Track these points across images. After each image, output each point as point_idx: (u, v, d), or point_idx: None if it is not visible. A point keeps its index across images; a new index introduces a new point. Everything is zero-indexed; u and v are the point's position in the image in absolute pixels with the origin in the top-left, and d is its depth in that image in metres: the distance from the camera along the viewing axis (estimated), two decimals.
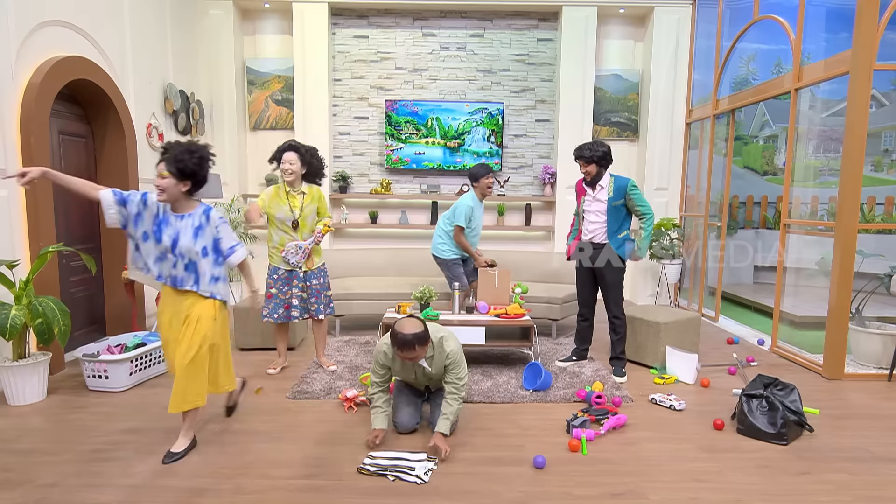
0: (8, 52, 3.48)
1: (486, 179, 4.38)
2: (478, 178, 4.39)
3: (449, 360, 2.79)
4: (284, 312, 3.77)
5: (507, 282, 4.31)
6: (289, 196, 3.68)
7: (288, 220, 3.66)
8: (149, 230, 2.60)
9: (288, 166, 3.63)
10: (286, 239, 3.69)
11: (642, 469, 2.59)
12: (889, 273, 4.17)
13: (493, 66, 6.65)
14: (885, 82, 7.29)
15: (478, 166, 4.41)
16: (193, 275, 2.62)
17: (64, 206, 4.18)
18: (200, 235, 2.61)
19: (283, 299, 3.75)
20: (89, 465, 2.56)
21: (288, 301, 3.76)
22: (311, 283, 3.77)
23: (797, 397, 2.95)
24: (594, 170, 3.76)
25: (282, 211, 3.65)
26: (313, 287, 3.78)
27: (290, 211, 3.65)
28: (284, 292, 3.75)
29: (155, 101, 5.23)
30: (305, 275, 3.76)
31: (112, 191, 2.58)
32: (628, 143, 6.70)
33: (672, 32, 6.28)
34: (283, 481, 2.44)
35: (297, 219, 3.67)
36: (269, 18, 6.53)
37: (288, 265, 3.71)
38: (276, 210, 3.65)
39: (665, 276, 6.23)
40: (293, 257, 3.67)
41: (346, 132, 6.69)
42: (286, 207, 3.65)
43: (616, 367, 3.90)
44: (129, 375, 3.55)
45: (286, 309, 3.77)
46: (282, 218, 3.65)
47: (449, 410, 2.76)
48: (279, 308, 3.75)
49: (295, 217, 3.66)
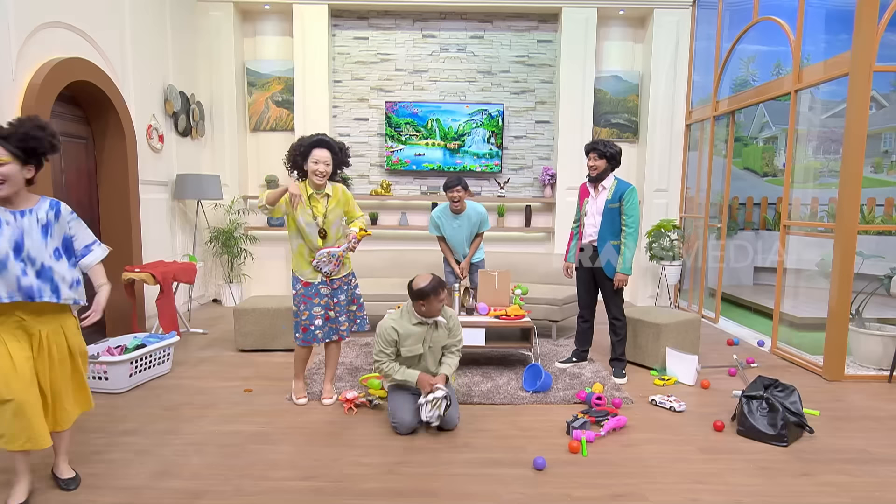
0: (8, 54, 3.48)
1: (449, 192, 4.20)
2: (444, 189, 4.24)
3: (452, 322, 3.15)
4: (303, 335, 3.22)
5: (507, 283, 4.31)
6: (311, 200, 3.11)
7: (310, 227, 3.11)
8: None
9: (322, 168, 3.04)
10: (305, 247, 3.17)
11: (642, 470, 2.59)
12: (889, 274, 4.17)
13: (493, 68, 6.65)
14: (885, 84, 7.30)
15: (449, 175, 4.25)
16: (49, 283, 2.16)
17: None
18: (50, 235, 2.19)
19: (300, 321, 3.22)
20: (89, 467, 2.56)
21: (306, 323, 3.20)
22: (338, 299, 3.26)
23: (797, 399, 2.95)
24: (603, 165, 3.75)
25: (303, 216, 3.09)
26: (341, 303, 3.27)
27: (311, 217, 3.10)
28: (301, 311, 3.21)
29: (155, 103, 5.23)
30: (332, 290, 3.24)
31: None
32: (628, 145, 6.70)
33: (672, 34, 6.29)
34: (283, 483, 2.44)
35: (322, 227, 3.13)
36: (269, 20, 6.54)
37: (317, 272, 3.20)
38: (298, 213, 3.11)
39: (665, 277, 6.23)
40: (325, 266, 3.17)
41: (347, 133, 6.69)
42: (308, 213, 3.09)
43: (616, 368, 3.90)
44: (129, 377, 3.55)
45: (304, 332, 3.21)
46: (303, 224, 3.10)
47: (451, 362, 3.13)
48: (297, 329, 3.23)
49: (319, 225, 3.12)
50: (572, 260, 4.01)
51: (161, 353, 3.83)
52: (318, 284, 3.20)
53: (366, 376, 3.54)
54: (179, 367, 4.04)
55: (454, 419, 2.98)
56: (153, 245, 5.16)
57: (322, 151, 3.07)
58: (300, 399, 3.35)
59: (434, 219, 4.39)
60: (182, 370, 3.99)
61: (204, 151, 6.31)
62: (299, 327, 3.22)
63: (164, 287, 4.36)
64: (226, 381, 3.74)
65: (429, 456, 2.70)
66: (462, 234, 4.37)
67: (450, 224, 4.36)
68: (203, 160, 6.29)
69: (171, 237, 5.55)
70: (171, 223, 5.57)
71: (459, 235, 4.37)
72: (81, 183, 4.42)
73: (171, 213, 5.54)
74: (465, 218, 4.32)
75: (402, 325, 3.03)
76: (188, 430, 2.98)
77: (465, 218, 4.32)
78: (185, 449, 2.75)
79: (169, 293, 4.39)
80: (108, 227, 4.65)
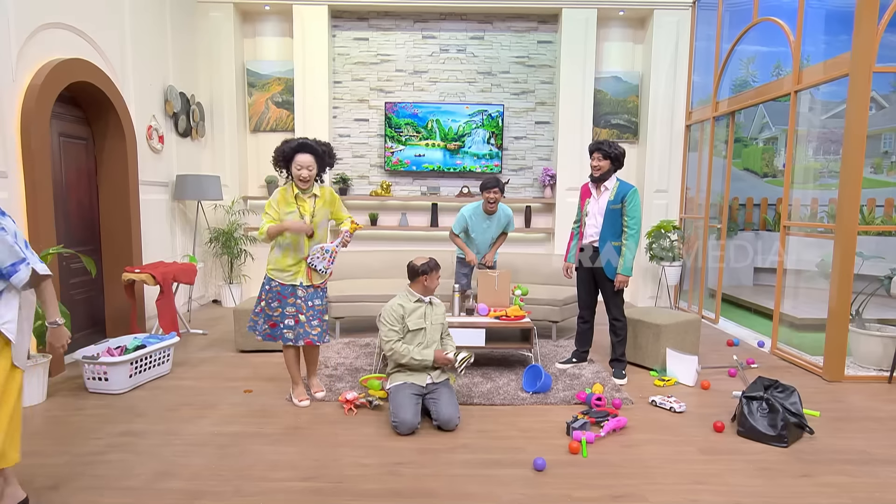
0: (9, 55, 3.48)
1: (486, 193, 4.26)
2: (481, 189, 4.30)
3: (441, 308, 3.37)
4: (270, 331, 3.27)
5: (508, 284, 4.31)
6: (298, 200, 3.21)
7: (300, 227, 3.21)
8: None
9: (305, 173, 3.12)
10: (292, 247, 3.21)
11: (642, 471, 2.59)
12: (889, 275, 4.17)
13: (493, 69, 6.66)
14: (885, 84, 7.29)
15: (487, 176, 4.30)
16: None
17: (64, 208, 4.18)
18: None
19: (269, 315, 3.26)
20: (89, 468, 2.56)
21: (277, 319, 3.25)
22: (312, 302, 3.28)
23: (797, 399, 2.95)
24: (607, 166, 3.75)
25: (291, 217, 3.19)
26: (316, 308, 3.29)
27: (300, 217, 3.19)
28: (273, 308, 3.25)
29: (155, 103, 5.23)
30: (308, 293, 3.26)
31: None
32: (628, 145, 6.69)
33: (672, 35, 6.29)
34: (283, 483, 2.44)
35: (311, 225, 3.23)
36: (269, 21, 6.55)
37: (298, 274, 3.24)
38: (285, 216, 3.18)
39: (665, 277, 6.23)
40: (320, 263, 3.22)
41: (347, 134, 6.69)
42: (296, 213, 3.19)
43: (616, 369, 3.90)
44: (129, 377, 3.55)
45: (272, 327, 3.26)
46: (289, 224, 3.17)
47: (450, 343, 3.35)
48: (264, 324, 3.28)
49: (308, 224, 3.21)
50: (572, 260, 4.01)
51: (161, 353, 3.83)
52: (297, 286, 3.24)
53: (366, 377, 3.54)
54: (179, 368, 4.04)
55: (454, 419, 2.98)
56: (153, 246, 5.16)
57: (305, 156, 3.13)
58: (302, 401, 3.35)
59: (465, 217, 4.37)
60: (182, 371, 3.99)
61: (204, 152, 6.31)
62: (267, 321, 3.26)
63: (163, 288, 4.36)
64: (226, 382, 3.74)
65: (429, 457, 2.70)
66: (489, 235, 4.45)
67: (479, 224, 4.39)
68: (203, 161, 6.29)
69: (171, 238, 5.55)
70: (171, 224, 5.57)
71: (486, 236, 4.45)
72: (81, 183, 4.42)
73: (171, 213, 5.54)
74: (494, 219, 4.40)
75: (405, 303, 3.22)
76: (188, 430, 2.98)
77: (496, 219, 4.41)
78: (185, 450, 2.75)
79: (169, 294, 4.39)
80: (108, 227, 4.65)
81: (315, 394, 3.46)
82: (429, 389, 3.13)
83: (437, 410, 3.00)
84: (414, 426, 2.94)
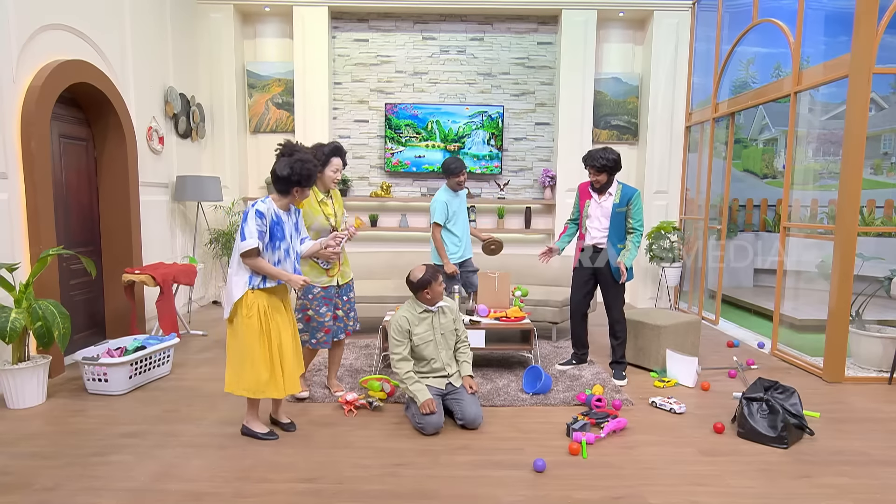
0: (9, 56, 3.49)
1: (458, 177, 4.13)
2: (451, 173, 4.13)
3: (452, 306, 3.33)
4: (326, 337, 3.31)
5: (507, 285, 4.31)
6: (321, 204, 3.28)
7: (325, 230, 3.25)
8: None
9: (339, 175, 3.33)
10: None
11: (642, 472, 2.59)
12: (889, 276, 4.17)
13: (493, 70, 6.66)
14: (885, 86, 7.30)
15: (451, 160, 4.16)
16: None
17: (64, 209, 4.18)
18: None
19: (321, 322, 3.28)
20: (88, 469, 2.56)
21: (329, 324, 3.31)
22: (349, 296, 3.44)
23: (797, 400, 2.95)
24: (605, 178, 3.74)
25: (317, 221, 3.23)
26: (351, 300, 3.47)
27: (325, 220, 3.26)
28: (322, 314, 3.27)
29: (155, 105, 5.24)
30: (340, 289, 3.39)
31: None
32: (628, 147, 6.70)
33: (671, 36, 6.30)
34: (284, 485, 2.44)
35: (335, 226, 3.30)
36: (269, 22, 6.55)
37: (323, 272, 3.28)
38: (310, 220, 3.22)
39: (665, 279, 6.23)
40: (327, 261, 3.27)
41: (347, 135, 6.70)
42: (321, 217, 3.25)
43: (616, 370, 3.90)
44: (129, 378, 3.55)
45: (327, 333, 3.31)
46: (318, 229, 3.24)
47: (466, 356, 3.29)
48: (318, 333, 3.29)
49: (333, 225, 3.28)
50: (560, 246, 4.00)
51: (161, 354, 3.83)
52: (331, 287, 3.33)
53: (366, 378, 3.54)
54: (179, 369, 4.04)
55: (479, 418, 3.05)
56: (153, 247, 5.16)
57: (339, 160, 3.33)
58: (301, 393, 3.36)
59: (444, 202, 4.12)
60: (182, 372, 3.99)
61: (204, 153, 6.31)
62: (321, 329, 3.29)
63: (163, 289, 4.36)
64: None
65: (429, 458, 2.70)
66: (465, 217, 4.35)
67: (458, 205, 4.23)
68: (203, 162, 6.29)
69: (171, 239, 5.55)
70: (171, 225, 5.57)
71: (463, 211, 4.33)
72: (82, 184, 4.42)
73: (171, 214, 5.55)
74: (463, 195, 4.34)
75: (411, 316, 3.17)
76: (188, 431, 2.98)
77: (464, 195, 4.37)
78: (185, 451, 2.75)
79: (169, 295, 4.39)
80: (109, 228, 4.65)
81: (336, 393, 3.53)
82: (448, 390, 3.17)
83: (461, 410, 3.05)
84: (439, 425, 2.97)
